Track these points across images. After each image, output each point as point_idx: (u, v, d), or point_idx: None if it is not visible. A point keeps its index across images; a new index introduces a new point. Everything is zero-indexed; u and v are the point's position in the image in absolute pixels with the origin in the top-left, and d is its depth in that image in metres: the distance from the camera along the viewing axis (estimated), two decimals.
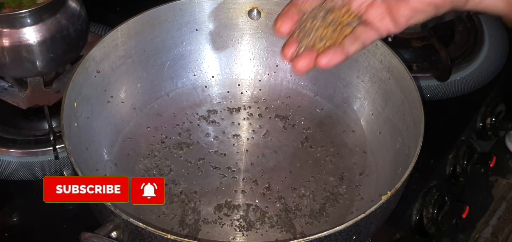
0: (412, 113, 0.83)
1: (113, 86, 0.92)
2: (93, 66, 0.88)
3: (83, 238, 0.66)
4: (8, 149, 0.94)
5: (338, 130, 0.95)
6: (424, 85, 1.08)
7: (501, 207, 1.06)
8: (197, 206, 0.85)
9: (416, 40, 1.15)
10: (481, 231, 1.03)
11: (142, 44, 0.95)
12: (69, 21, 0.95)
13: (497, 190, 1.09)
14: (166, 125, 0.95)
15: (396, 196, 0.74)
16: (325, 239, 0.67)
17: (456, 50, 1.15)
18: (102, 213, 0.71)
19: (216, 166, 0.90)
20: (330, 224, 0.83)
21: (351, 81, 0.96)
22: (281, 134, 0.95)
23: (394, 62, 0.88)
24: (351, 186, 0.88)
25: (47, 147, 0.93)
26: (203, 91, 1.00)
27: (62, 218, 0.87)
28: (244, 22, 0.99)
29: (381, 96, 0.92)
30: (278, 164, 0.91)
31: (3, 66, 0.94)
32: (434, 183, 0.96)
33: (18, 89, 0.99)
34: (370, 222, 0.72)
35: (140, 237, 0.68)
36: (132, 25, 0.93)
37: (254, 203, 0.86)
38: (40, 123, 0.97)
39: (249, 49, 1.01)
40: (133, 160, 0.90)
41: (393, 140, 0.87)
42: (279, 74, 1.01)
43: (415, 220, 0.94)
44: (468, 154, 1.02)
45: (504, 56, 1.17)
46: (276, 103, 0.99)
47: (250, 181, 0.88)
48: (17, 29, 0.91)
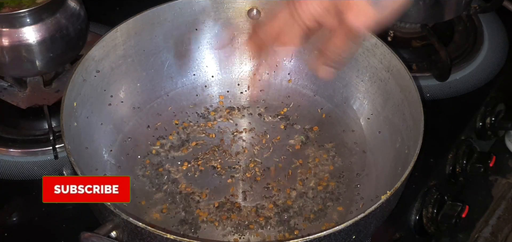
0: (412, 113, 0.83)
1: (112, 86, 0.92)
2: (92, 66, 0.88)
3: (83, 238, 0.66)
4: (8, 149, 0.94)
5: (338, 129, 0.95)
6: (424, 85, 1.08)
7: (500, 206, 1.07)
8: (196, 206, 0.85)
9: (416, 39, 1.15)
10: (480, 231, 1.03)
11: (141, 44, 0.95)
12: (68, 21, 0.95)
13: (497, 190, 1.09)
14: (165, 124, 0.95)
15: (395, 195, 0.74)
16: (324, 239, 0.67)
17: (456, 49, 1.15)
18: (102, 213, 0.71)
19: (215, 165, 0.90)
20: (329, 224, 0.83)
21: (351, 81, 0.96)
22: (281, 134, 0.95)
23: (393, 61, 0.88)
24: (350, 185, 0.88)
25: (46, 147, 0.93)
26: (203, 90, 1.00)
27: (61, 218, 0.87)
28: (243, 21, 0.99)
29: (380, 96, 0.92)
30: (278, 163, 0.91)
31: (2, 66, 0.94)
32: (433, 182, 0.96)
33: (17, 89, 0.99)
34: (370, 221, 0.72)
35: (139, 236, 0.68)
36: (131, 24, 0.93)
37: (253, 202, 0.86)
38: (40, 122, 0.97)
39: (249, 48, 1.01)
40: (132, 159, 0.90)
41: (392, 140, 0.87)
42: (278, 74, 1.01)
43: (415, 219, 0.94)
44: (468, 154, 1.02)
45: (504, 56, 1.17)
46: (275, 103, 0.99)
47: (249, 180, 0.88)
48: (16, 28, 0.91)
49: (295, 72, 1.00)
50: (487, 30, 1.20)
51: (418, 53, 1.13)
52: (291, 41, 0.72)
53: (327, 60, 0.72)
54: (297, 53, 0.99)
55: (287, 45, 0.73)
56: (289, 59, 1.00)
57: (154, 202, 0.85)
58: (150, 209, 0.84)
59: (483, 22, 1.20)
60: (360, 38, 0.75)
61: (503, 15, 1.23)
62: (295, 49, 0.94)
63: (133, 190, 0.86)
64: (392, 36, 1.14)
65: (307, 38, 0.72)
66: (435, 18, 1.12)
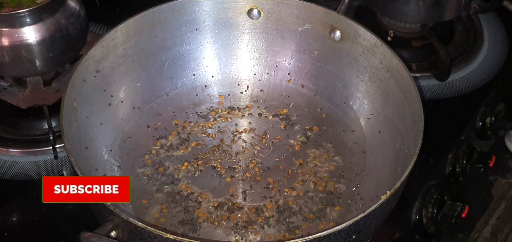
0: (412, 113, 0.83)
1: (112, 86, 0.92)
2: (92, 66, 0.88)
3: (83, 238, 0.66)
4: (8, 149, 0.94)
5: (338, 129, 0.95)
6: (424, 84, 1.08)
7: (500, 206, 1.06)
8: (196, 206, 0.85)
9: (416, 39, 1.15)
10: (480, 231, 1.03)
11: (141, 44, 0.95)
12: (68, 21, 0.95)
13: (497, 190, 1.09)
14: (165, 124, 0.95)
15: (395, 195, 0.74)
16: (324, 239, 0.67)
17: (456, 49, 1.15)
18: (102, 213, 0.71)
19: (215, 165, 0.90)
20: (329, 224, 0.83)
21: (351, 81, 0.96)
22: (281, 134, 0.95)
23: (393, 61, 0.88)
24: (350, 185, 0.88)
25: (46, 147, 0.93)
26: (203, 91, 1.00)
27: (61, 218, 0.87)
28: (243, 21, 0.99)
29: (380, 96, 0.92)
30: (278, 163, 0.91)
31: (2, 66, 0.94)
32: (433, 182, 0.96)
33: (17, 89, 0.99)
34: (370, 221, 0.72)
35: (139, 236, 0.68)
36: (131, 24, 0.93)
37: (253, 202, 0.86)
38: (40, 122, 0.97)
39: (249, 48, 1.01)
40: (132, 159, 0.90)
41: (392, 140, 0.87)
42: (278, 73, 1.01)
43: (415, 219, 0.94)
44: (468, 154, 1.02)
45: (504, 56, 1.17)
46: (275, 103, 0.99)
47: (249, 180, 0.88)
48: (16, 28, 0.91)
49: (295, 72, 1.00)
50: (487, 30, 1.20)
51: (418, 53, 1.13)
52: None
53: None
54: (297, 53, 0.99)
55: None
56: (289, 59, 1.00)
57: (154, 202, 0.85)
58: (150, 209, 0.84)
59: (483, 22, 1.21)
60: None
61: (503, 15, 1.23)
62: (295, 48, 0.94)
63: (133, 190, 0.86)
64: (392, 36, 1.14)
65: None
66: (435, 18, 1.12)
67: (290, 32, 0.99)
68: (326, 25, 0.96)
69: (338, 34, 0.95)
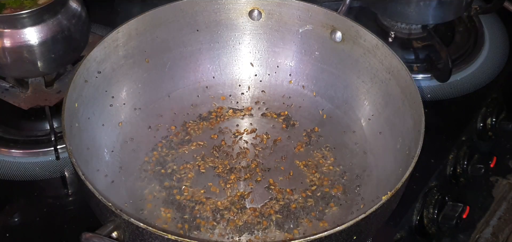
0: (413, 114, 0.83)
1: (114, 86, 0.92)
2: (94, 67, 0.88)
3: (84, 238, 0.66)
4: (9, 149, 0.94)
5: (339, 130, 0.95)
6: (425, 85, 1.08)
7: (501, 207, 1.06)
8: (197, 206, 0.85)
9: (417, 40, 1.15)
10: (481, 231, 1.03)
11: (143, 45, 0.95)
12: (70, 22, 0.95)
13: (498, 190, 1.09)
14: (167, 125, 0.95)
15: (396, 196, 0.74)
16: (325, 239, 0.68)
17: (457, 50, 1.15)
18: (103, 213, 0.71)
19: (216, 166, 0.90)
20: (330, 224, 0.83)
21: (352, 82, 0.96)
22: (282, 134, 0.95)
23: (394, 62, 0.88)
24: (351, 186, 0.88)
25: (48, 148, 0.93)
26: (204, 92, 1.00)
27: (63, 219, 0.87)
28: (245, 22, 0.99)
29: (381, 97, 0.92)
30: (279, 164, 0.91)
31: (4, 67, 0.95)
32: (434, 183, 0.96)
33: (19, 90, 1.00)
34: (371, 222, 0.72)
35: (140, 237, 0.68)
36: (133, 25, 0.93)
37: (254, 203, 0.86)
38: (41, 123, 0.97)
39: (250, 49, 1.01)
40: (134, 160, 0.90)
41: (393, 140, 0.87)
42: (279, 74, 1.01)
43: (416, 220, 0.94)
44: (469, 154, 1.02)
45: (505, 57, 1.17)
46: (276, 104, 0.99)
47: (250, 181, 0.88)
48: (18, 29, 0.91)
49: (296, 73, 1.00)
50: (488, 31, 1.20)
51: (419, 54, 1.13)
52: None
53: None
54: (298, 54, 1.00)
55: None
56: (290, 60, 1.00)
57: (155, 203, 0.85)
58: (151, 210, 0.84)
59: (484, 23, 1.21)
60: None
61: (504, 16, 1.23)
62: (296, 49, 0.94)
63: (134, 190, 0.86)
64: (393, 37, 1.14)
65: None
66: (436, 19, 1.12)
67: (291, 33, 0.99)
68: (327, 26, 0.96)
69: (339, 35, 0.95)
